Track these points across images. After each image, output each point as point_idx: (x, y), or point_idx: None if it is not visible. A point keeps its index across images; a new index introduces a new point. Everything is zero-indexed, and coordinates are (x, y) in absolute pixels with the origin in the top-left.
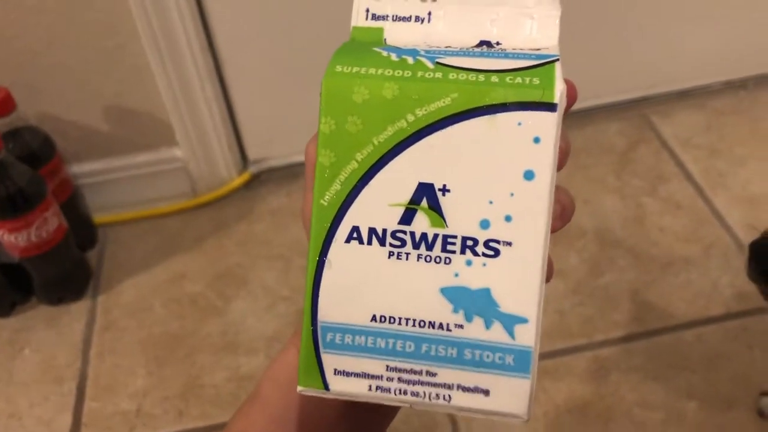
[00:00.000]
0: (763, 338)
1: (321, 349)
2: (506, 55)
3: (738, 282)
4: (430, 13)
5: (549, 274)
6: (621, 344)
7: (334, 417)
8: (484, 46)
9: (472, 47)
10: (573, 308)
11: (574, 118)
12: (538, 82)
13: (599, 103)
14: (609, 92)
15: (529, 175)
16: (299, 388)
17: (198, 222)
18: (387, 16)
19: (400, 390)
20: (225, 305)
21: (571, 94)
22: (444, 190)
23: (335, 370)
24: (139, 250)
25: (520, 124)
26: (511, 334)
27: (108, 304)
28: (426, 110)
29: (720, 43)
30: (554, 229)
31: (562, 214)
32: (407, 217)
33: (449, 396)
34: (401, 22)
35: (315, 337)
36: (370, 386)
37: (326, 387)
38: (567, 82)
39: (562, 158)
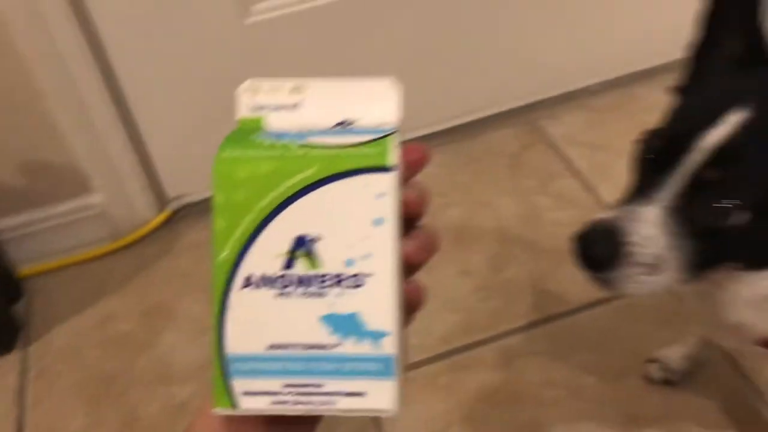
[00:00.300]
0: (646, 312)
1: (229, 376)
2: (357, 132)
3: None
4: (298, 103)
5: (421, 299)
6: (525, 332)
7: None
8: (342, 125)
9: (332, 127)
10: (480, 304)
11: (469, 128)
12: (378, 151)
13: (491, 113)
14: (499, 101)
15: (378, 222)
16: (214, 410)
17: (122, 263)
18: (265, 107)
19: (295, 402)
20: (155, 339)
21: (420, 156)
22: (315, 239)
23: (242, 391)
24: (67, 297)
25: (367, 184)
26: (377, 346)
27: (40, 353)
28: (295, 180)
29: (596, 46)
30: (419, 262)
31: (424, 249)
32: (289, 264)
33: (334, 401)
34: (276, 110)
35: (223, 366)
36: (272, 401)
37: (236, 406)
38: (415, 147)
39: (420, 205)
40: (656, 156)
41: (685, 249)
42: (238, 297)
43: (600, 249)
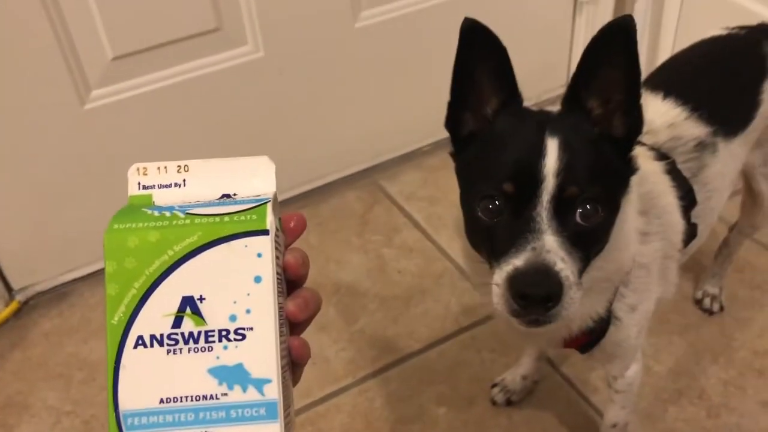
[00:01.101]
0: (487, 342)
1: (124, 431)
2: (236, 203)
3: (464, 300)
4: (185, 180)
5: (306, 354)
6: (380, 375)
7: None
8: (225, 197)
9: (216, 199)
10: (337, 354)
11: (319, 192)
12: (255, 217)
13: (337, 177)
14: (343, 166)
15: (258, 279)
16: None
17: None
18: (154, 185)
19: None
20: None
21: (298, 223)
22: (201, 299)
23: None
24: None
25: (246, 246)
26: (261, 393)
27: None
28: (181, 246)
29: (424, 112)
30: (301, 318)
31: (306, 307)
32: (177, 323)
33: None
34: (164, 188)
35: (118, 423)
36: None
37: None
38: (294, 215)
39: (301, 267)
40: (510, 201)
41: (578, 258)
42: (131, 356)
43: (549, 285)
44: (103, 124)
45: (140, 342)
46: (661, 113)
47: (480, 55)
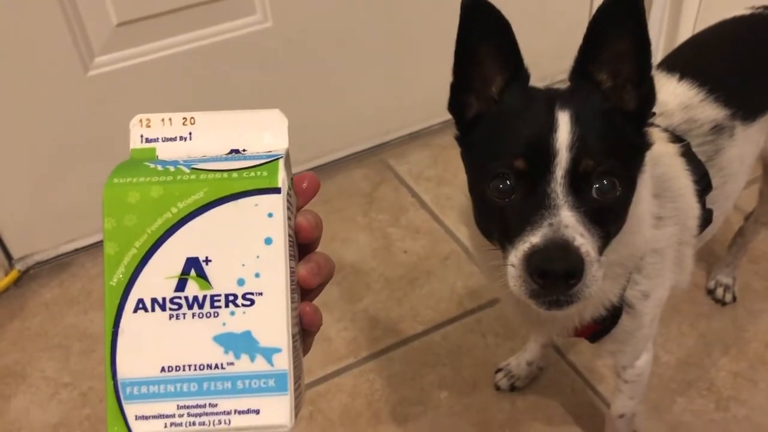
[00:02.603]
0: (492, 326)
1: (123, 401)
2: (246, 158)
3: (470, 283)
4: (190, 133)
5: (318, 321)
6: (382, 355)
7: None
8: (233, 153)
9: (224, 154)
10: (339, 333)
11: (325, 169)
12: (266, 174)
13: (344, 154)
14: (351, 143)
15: (268, 241)
16: None
17: None
18: (157, 138)
19: (189, 423)
20: (5, 404)
21: (311, 184)
22: (207, 260)
23: (136, 416)
24: None
25: (257, 205)
26: (270, 363)
27: None
28: (185, 203)
29: (434, 89)
30: (313, 284)
31: (318, 272)
32: (181, 286)
33: (229, 420)
34: (168, 141)
35: (116, 392)
36: (165, 424)
37: (130, 430)
38: (306, 175)
39: (314, 230)
40: (522, 179)
41: (597, 235)
42: (130, 321)
43: (570, 260)
44: (107, 92)
45: (140, 306)
46: (675, 95)
47: (483, 31)
